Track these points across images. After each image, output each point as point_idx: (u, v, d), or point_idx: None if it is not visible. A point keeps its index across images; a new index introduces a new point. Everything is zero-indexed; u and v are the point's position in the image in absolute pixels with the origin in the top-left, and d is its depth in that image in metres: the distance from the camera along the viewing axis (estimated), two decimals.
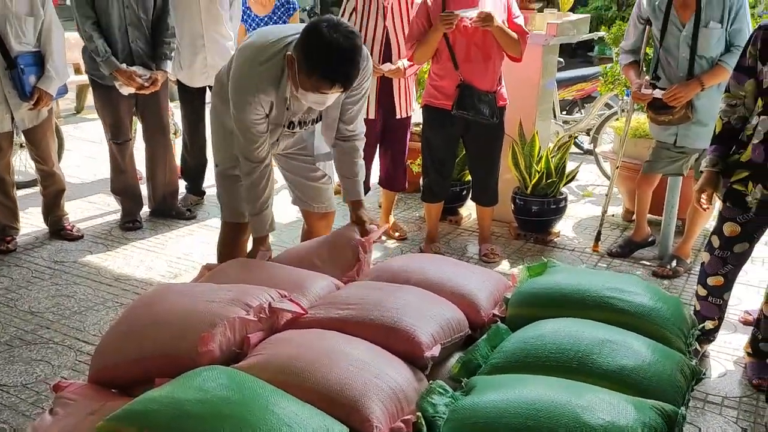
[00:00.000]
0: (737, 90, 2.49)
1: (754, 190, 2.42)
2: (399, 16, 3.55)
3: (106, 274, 3.46)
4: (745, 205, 2.46)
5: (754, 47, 2.41)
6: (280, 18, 4.39)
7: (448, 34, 3.30)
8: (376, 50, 3.53)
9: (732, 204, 2.50)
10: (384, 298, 1.91)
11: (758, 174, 2.40)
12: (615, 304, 1.84)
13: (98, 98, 3.85)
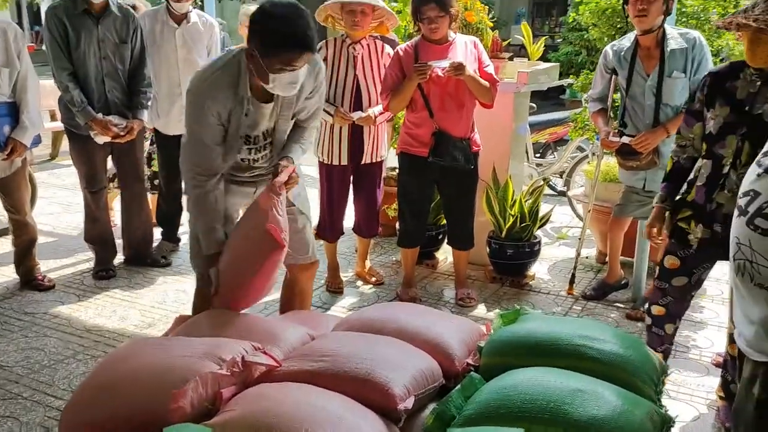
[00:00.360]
0: (687, 132, 2.61)
1: (695, 228, 2.53)
2: (369, 66, 3.62)
3: (77, 325, 3.41)
4: (688, 242, 2.57)
5: (702, 92, 2.52)
6: None
7: (422, 84, 3.38)
8: (347, 98, 3.59)
9: (676, 240, 2.62)
10: (358, 349, 1.91)
11: (699, 214, 2.51)
12: (586, 352, 1.86)
13: (73, 147, 3.85)
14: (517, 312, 2.18)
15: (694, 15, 3.86)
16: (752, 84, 2.34)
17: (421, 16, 3.34)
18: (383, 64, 3.62)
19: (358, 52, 3.59)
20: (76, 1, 3.63)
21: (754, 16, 2.16)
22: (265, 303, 3.72)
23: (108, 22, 3.67)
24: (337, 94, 3.59)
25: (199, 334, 2.06)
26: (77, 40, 3.60)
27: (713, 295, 3.90)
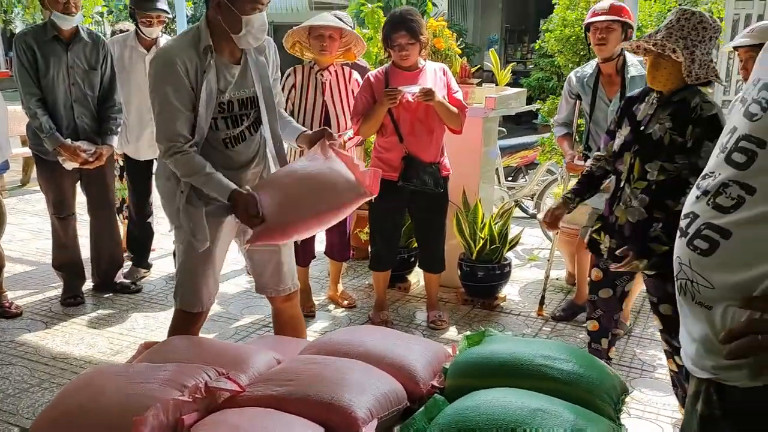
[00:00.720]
0: (603, 149, 2.77)
1: (604, 239, 2.66)
2: (337, 92, 3.67)
3: (44, 353, 3.36)
4: (601, 253, 2.70)
5: (616, 114, 2.67)
6: None
7: (392, 109, 3.43)
8: (315, 125, 3.62)
9: (591, 251, 2.77)
10: (322, 372, 1.92)
11: (606, 226, 2.66)
12: (547, 372, 1.89)
13: (41, 173, 3.82)
14: (482, 333, 2.21)
15: None
16: (651, 106, 2.48)
17: (392, 43, 3.41)
18: (351, 90, 3.68)
19: (326, 79, 3.64)
20: (46, 28, 3.64)
21: (653, 41, 2.33)
22: (236, 328, 3.72)
23: (77, 49, 3.68)
24: (306, 120, 3.62)
25: (163, 361, 2.05)
26: (46, 67, 3.61)
27: None
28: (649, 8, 4.07)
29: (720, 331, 1.14)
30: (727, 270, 1.15)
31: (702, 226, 1.19)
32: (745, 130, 1.16)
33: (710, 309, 1.19)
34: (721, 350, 1.12)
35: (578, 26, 4.07)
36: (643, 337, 3.66)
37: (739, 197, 1.14)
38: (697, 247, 1.20)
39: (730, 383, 1.18)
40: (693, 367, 1.25)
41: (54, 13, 3.59)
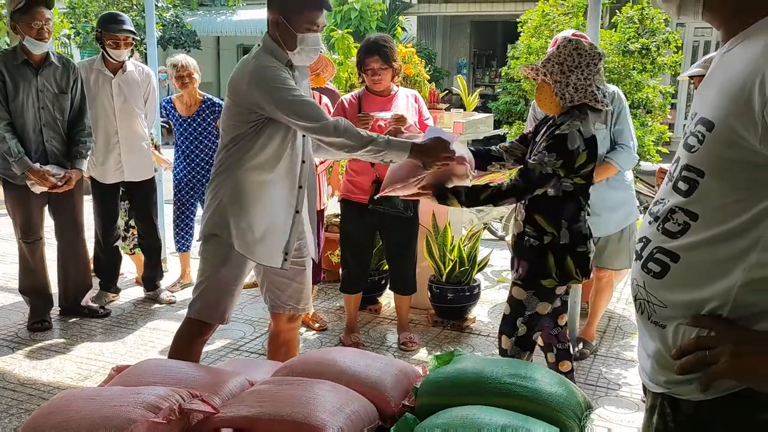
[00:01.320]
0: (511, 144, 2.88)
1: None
2: None
3: (10, 378, 3.31)
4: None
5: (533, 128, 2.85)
6: (204, 120, 4.45)
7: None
8: None
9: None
10: (295, 393, 1.95)
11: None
12: (514, 390, 1.94)
13: (9, 197, 3.79)
14: (451, 354, 2.26)
15: (615, 71, 4.13)
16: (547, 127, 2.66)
17: (365, 68, 3.49)
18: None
19: None
20: (16, 52, 3.64)
21: (530, 66, 2.54)
22: (206, 351, 3.70)
23: (48, 73, 3.69)
24: None
25: (136, 384, 2.05)
26: (15, 90, 3.60)
27: None
28: (609, 37, 4.23)
29: (672, 348, 1.21)
30: (677, 291, 1.23)
31: (654, 250, 1.27)
32: (686, 161, 1.24)
33: (664, 327, 1.26)
34: (673, 365, 1.19)
35: (542, 54, 4.21)
36: (609, 357, 3.75)
37: (684, 223, 1.22)
38: (650, 270, 1.27)
39: (682, 397, 1.24)
40: (648, 381, 1.32)
41: (26, 39, 3.59)
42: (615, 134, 3.51)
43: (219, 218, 2.50)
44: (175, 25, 15.22)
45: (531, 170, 2.48)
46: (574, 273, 2.61)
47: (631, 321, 4.28)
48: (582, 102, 2.52)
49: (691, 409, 1.23)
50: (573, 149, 2.48)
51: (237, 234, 2.48)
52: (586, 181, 2.61)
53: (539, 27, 4.35)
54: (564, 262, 2.59)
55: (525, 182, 2.47)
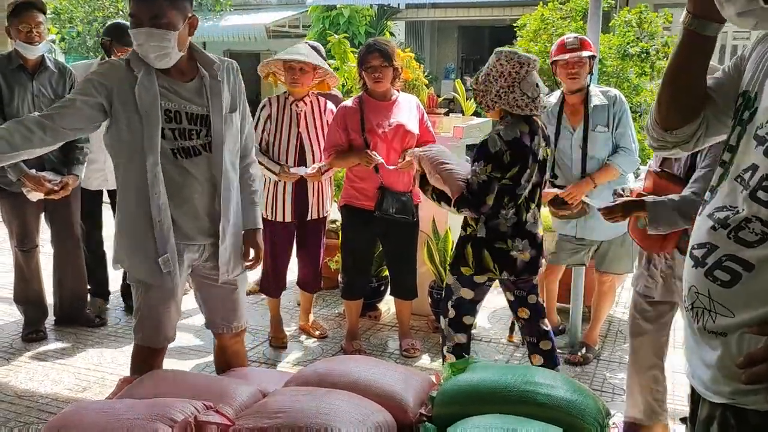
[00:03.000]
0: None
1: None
2: (312, 123, 3.67)
3: (7, 390, 3.23)
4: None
5: None
6: None
7: (368, 140, 3.47)
8: (290, 155, 3.62)
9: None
10: (312, 404, 1.91)
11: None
12: (535, 398, 1.92)
13: (4, 205, 3.71)
14: (466, 361, 2.24)
15: (613, 74, 4.15)
16: None
17: (366, 65, 3.45)
18: (326, 121, 3.70)
19: (301, 110, 3.65)
20: (10, 57, 3.58)
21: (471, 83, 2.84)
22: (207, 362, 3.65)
23: (43, 78, 3.63)
24: (281, 151, 3.62)
25: (146, 396, 2.01)
26: (10, 96, 3.53)
27: None
28: (608, 41, 4.25)
29: (736, 357, 1.18)
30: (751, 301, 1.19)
31: (723, 258, 1.23)
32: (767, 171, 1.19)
33: (725, 336, 1.23)
34: (739, 375, 1.16)
35: (541, 59, 4.21)
36: (612, 361, 3.74)
37: (763, 233, 1.19)
38: (717, 278, 1.24)
39: (749, 407, 1.21)
40: (706, 392, 1.28)
41: (17, 42, 3.53)
42: (617, 137, 3.51)
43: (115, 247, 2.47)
44: None
45: (470, 183, 2.72)
46: (492, 266, 2.83)
47: None
48: (504, 108, 2.73)
49: (758, 419, 1.20)
50: (495, 152, 2.69)
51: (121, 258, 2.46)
52: (513, 182, 2.74)
53: (537, 31, 4.35)
54: (481, 255, 2.82)
55: (470, 194, 2.72)
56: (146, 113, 2.28)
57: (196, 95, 2.39)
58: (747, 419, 1.21)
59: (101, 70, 2.34)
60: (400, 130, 3.48)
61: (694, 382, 1.32)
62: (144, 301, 2.45)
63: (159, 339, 2.49)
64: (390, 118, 3.50)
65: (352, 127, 3.48)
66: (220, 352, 2.73)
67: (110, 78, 2.30)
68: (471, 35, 16.97)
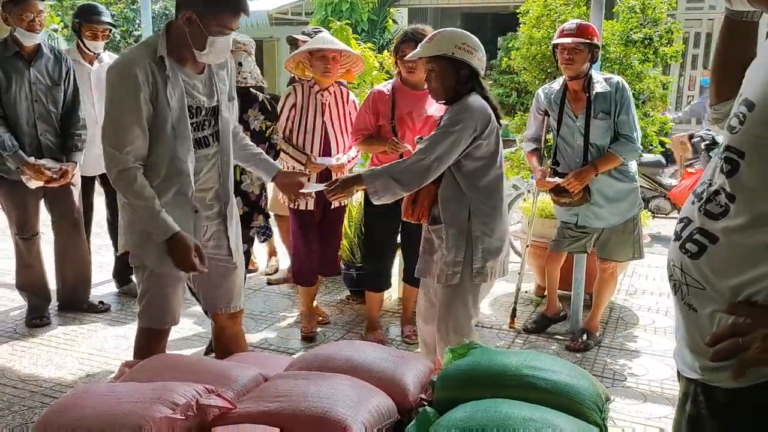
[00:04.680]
0: None
1: None
2: (336, 113, 3.64)
3: (11, 375, 3.26)
4: None
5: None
6: None
7: (397, 128, 3.45)
8: (316, 145, 3.60)
9: None
10: (313, 388, 1.92)
11: None
12: (534, 382, 1.93)
13: (4, 193, 3.71)
14: (467, 346, 2.24)
15: (617, 61, 4.12)
16: None
17: (402, 54, 3.39)
18: (348, 111, 3.67)
19: (326, 99, 3.60)
20: (6, 44, 3.57)
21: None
22: None
23: (40, 65, 3.62)
24: (306, 141, 3.59)
25: (148, 379, 2.02)
26: (8, 83, 3.53)
27: (645, 325, 4.09)
28: (611, 27, 4.22)
29: (707, 335, 1.20)
30: (716, 274, 1.22)
31: (694, 231, 1.26)
32: (727, 141, 1.24)
33: (696, 312, 1.25)
34: (707, 352, 1.18)
35: (544, 44, 4.19)
36: (612, 347, 3.75)
37: (726, 205, 1.21)
38: (688, 250, 1.26)
39: (715, 384, 1.23)
40: (683, 367, 1.31)
41: (17, 30, 3.52)
42: (619, 125, 3.49)
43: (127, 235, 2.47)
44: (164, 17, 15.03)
45: None
46: None
47: (633, 312, 4.29)
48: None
49: (724, 396, 1.22)
50: None
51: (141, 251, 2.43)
52: None
53: (540, 17, 4.32)
54: None
55: None
56: (176, 113, 2.33)
57: (207, 87, 2.45)
58: (714, 396, 1.24)
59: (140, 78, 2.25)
60: (429, 121, 3.43)
61: (676, 359, 1.34)
62: (154, 283, 2.46)
63: (166, 320, 2.51)
64: (421, 109, 3.46)
65: (383, 113, 3.46)
66: (218, 334, 2.74)
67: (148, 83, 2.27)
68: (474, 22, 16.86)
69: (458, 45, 2.57)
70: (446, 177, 2.60)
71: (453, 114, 2.55)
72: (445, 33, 2.62)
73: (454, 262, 2.62)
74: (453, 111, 2.57)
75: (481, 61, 2.61)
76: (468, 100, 2.57)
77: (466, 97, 2.58)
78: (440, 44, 2.58)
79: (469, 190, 2.59)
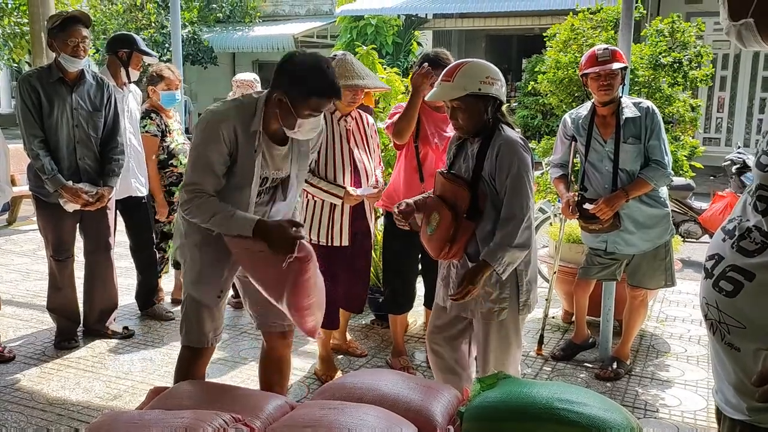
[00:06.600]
0: None
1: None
2: (360, 138, 3.50)
3: (39, 398, 3.28)
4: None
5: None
6: None
7: (420, 149, 3.42)
8: (347, 174, 3.40)
9: None
10: (340, 418, 1.90)
11: None
12: (566, 416, 1.88)
13: (41, 215, 3.78)
14: (495, 376, 2.20)
15: (645, 84, 4.08)
16: None
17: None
18: (370, 135, 3.54)
19: (349, 125, 3.46)
20: (51, 69, 3.65)
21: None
22: (249, 374, 3.67)
23: (82, 91, 3.70)
24: (336, 171, 3.39)
25: (176, 407, 2.02)
26: (50, 108, 3.61)
27: (677, 353, 4.00)
28: (640, 51, 4.19)
29: (752, 374, 1.16)
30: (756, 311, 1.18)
31: (727, 268, 1.23)
32: (759, 180, 1.22)
33: (739, 351, 1.21)
34: (754, 392, 1.14)
35: (571, 69, 4.17)
36: (644, 377, 3.67)
37: (762, 242, 1.18)
38: (722, 289, 1.23)
39: (765, 426, 1.19)
40: (726, 407, 1.27)
41: (62, 55, 3.61)
42: (649, 150, 3.44)
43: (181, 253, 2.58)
44: (193, 41, 15.34)
45: None
46: None
47: (664, 340, 4.20)
48: None
49: None
50: None
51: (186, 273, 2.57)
52: None
53: (567, 41, 4.31)
54: None
55: None
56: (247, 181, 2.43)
57: (284, 161, 2.53)
58: None
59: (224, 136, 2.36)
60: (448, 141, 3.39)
61: (717, 398, 1.30)
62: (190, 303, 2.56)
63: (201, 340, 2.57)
64: (443, 130, 3.43)
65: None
66: (267, 355, 2.76)
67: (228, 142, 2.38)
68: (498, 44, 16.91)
69: (482, 80, 2.51)
70: (487, 214, 2.53)
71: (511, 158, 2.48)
72: (466, 69, 2.53)
73: (500, 299, 2.58)
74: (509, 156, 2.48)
75: (503, 88, 2.57)
76: (510, 139, 2.51)
77: (503, 134, 2.53)
78: (465, 83, 2.50)
79: None
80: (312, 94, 2.32)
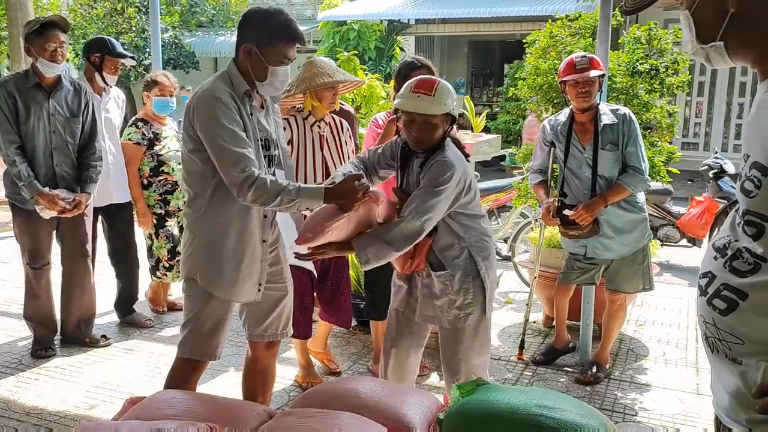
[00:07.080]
0: None
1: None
2: (334, 144, 3.44)
3: (15, 407, 3.23)
4: None
5: None
6: None
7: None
8: (318, 182, 3.31)
9: None
10: (319, 426, 1.90)
11: None
12: (545, 421, 1.89)
13: (17, 222, 3.73)
14: (474, 383, 2.21)
15: (623, 91, 4.12)
16: None
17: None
18: (344, 140, 3.47)
19: (323, 131, 3.39)
20: (28, 75, 3.61)
21: None
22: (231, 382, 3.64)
23: (59, 96, 3.66)
24: (308, 178, 3.31)
25: (153, 417, 2.00)
26: (27, 114, 3.56)
27: (656, 357, 4.03)
28: (617, 58, 4.23)
29: (752, 386, 1.18)
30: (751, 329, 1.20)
31: (720, 287, 1.25)
32: (745, 206, 1.23)
33: (741, 363, 1.23)
34: (754, 404, 1.15)
35: (551, 75, 4.20)
36: (623, 380, 3.70)
37: (755, 263, 1.20)
38: (716, 307, 1.25)
39: None
40: (727, 418, 1.28)
41: (39, 60, 3.56)
42: (626, 156, 3.48)
43: (194, 262, 2.49)
44: (174, 46, 15.25)
45: None
46: None
47: (642, 343, 4.24)
48: None
49: None
50: None
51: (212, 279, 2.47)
52: None
53: (547, 48, 4.34)
54: None
55: None
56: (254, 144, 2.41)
57: (266, 121, 2.56)
58: None
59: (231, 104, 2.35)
60: None
61: (717, 410, 1.32)
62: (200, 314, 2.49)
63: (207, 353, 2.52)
64: None
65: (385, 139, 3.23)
66: (252, 364, 2.74)
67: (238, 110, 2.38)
68: (481, 50, 17.02)
69: (453, 99, 2.55)
70: (441, 227, 2.57)
71: (436, 172, 2.44)
72: (444, 87, 2.51)
73: (464, 305, 2.60)
74: (435, 169, 2.46)
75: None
76: (447, 154, 2.49)
77: (443, 151, 2.51)
78: (446, 100, 2.48)
79: (465, 233, 2.59)
80: (278, 37, 2.38)
